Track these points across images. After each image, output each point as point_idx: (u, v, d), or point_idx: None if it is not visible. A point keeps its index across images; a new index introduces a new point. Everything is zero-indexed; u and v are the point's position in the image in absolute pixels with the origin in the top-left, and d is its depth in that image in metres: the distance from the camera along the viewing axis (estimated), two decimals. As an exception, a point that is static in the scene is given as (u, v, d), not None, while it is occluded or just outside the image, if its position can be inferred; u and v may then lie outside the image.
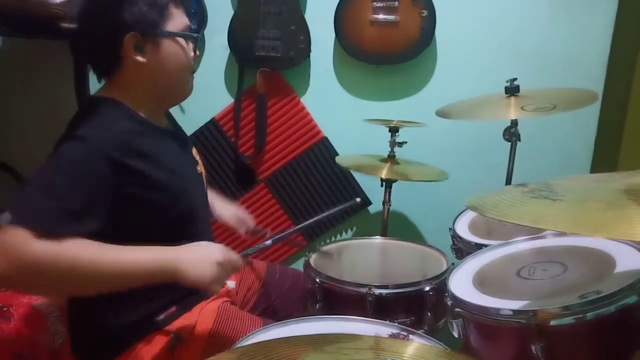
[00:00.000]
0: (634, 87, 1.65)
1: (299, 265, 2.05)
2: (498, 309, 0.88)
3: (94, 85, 2.12)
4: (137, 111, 1.14)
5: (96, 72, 1.17)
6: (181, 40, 1.15)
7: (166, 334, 1.14)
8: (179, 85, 1.20)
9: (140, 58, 1.10)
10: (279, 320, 1.13)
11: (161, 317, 1.09)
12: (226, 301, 1.29)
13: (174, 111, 1.33)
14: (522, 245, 1.14)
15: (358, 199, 1.58)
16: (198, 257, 1.03)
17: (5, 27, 1.82)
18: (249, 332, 1.08)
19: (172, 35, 1.13)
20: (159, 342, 1.13)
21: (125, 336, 1.12)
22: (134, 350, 1.11)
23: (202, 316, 1.19)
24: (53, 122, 2.24)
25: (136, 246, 1.00)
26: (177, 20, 1.14)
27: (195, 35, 1.21)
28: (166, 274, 1.00)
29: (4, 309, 1.37)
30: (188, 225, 1.18)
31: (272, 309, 1.47)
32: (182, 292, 1.14)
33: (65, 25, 1.80)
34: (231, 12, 1.97)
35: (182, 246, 1.05)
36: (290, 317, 1.15)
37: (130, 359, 1.11)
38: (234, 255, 1.08)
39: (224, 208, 1.52)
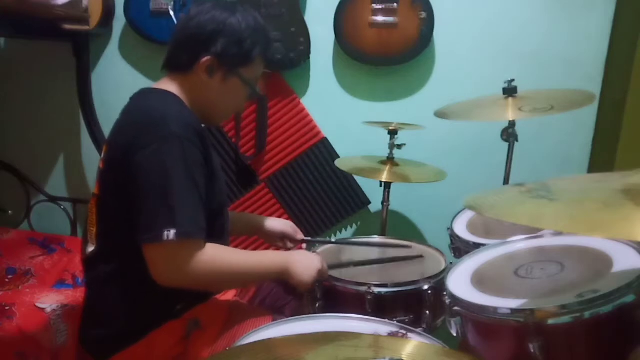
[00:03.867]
0: (632, 87, 1.65)
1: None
2: (496, 308, 0.89)
3: (96, 86, 2.17)
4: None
5: (168, 64, 1.23)
6: (245, 86, 1.23)
7: (181, 323, 1.15)
8: (218, 117, 1.29)
9: (205, 78, 1.18)
10: (273, 310, 1.24)
11: (179, 306, 1.16)
12: (236, 296, 1.34)
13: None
14: (519, 244, 1.14)
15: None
16: (304, 263, 1.22)
17: (8, 28, 1.83)
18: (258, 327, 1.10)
19: (241, 80, 1.21)
20: (173, 330, 1.14)
21: (141, 325, 1.13)
22: (148, 338, 1.13)
23: (218, 307, 1.24)
24: (54, 123, 2.28)
25: (255, 251, 1.25)
26: (255, 69, 1.23)
27: (259, 94, 1.30)
28: (282, 273, 1.20)
29: (6, 307, 1.38)
30: (219, 220, 1.24)
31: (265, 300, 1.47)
32: None
33: (67, 26, 1.80)
34: (231, 14, 1.98)
35: (292, 252, 1.32)
36: (282, 308, 1.28)
37: (144, 347, 1.12)
38: (325, 267, 1.27)
39: (272, 221, 1.53)
